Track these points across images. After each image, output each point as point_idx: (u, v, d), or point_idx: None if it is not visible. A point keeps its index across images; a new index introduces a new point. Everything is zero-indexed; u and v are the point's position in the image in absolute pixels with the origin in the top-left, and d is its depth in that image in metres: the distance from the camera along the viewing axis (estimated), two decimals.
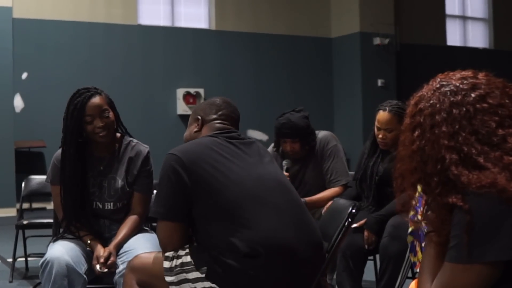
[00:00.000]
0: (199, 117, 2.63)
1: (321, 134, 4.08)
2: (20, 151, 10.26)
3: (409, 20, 13.16)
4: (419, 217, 2.72)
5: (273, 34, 12.34)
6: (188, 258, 2.32)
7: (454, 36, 14.24)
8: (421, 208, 2.67)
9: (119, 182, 3.06)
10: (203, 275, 2.27)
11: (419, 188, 2.74)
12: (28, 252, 5.34)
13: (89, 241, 2.95)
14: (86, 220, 3.02)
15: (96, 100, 2.99)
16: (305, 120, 3.96)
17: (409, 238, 3.05)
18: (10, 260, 5.35)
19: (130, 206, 3.09)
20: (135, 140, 3.16)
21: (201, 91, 11.63)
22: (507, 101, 1.58)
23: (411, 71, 12.68)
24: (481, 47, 14.52)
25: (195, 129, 2.63)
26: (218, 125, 2.59)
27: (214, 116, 2.61)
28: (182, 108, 11.48)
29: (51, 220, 3.84)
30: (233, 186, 2.31)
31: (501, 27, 14.55)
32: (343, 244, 3.35)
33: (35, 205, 9.50)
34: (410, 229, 3.00)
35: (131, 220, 3.05)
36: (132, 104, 10.74)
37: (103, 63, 10.99)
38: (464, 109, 1.57)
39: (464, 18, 14.49)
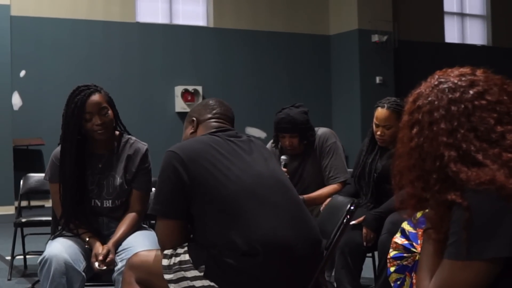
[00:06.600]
0: (194, 119, 2.62)
1: (320, 131, 4.09)
2: (19, 148, 10.25)
3: (407, 17, 13.15)
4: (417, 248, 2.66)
5: (271, 31, 12.34)
6: (186, 257, 2.31)
7: (452, 33, 14.24)
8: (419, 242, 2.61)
9: (118, 180, 3.06)
10: (201, 274, 2.27)
11: (407, 226, 2.70)
12: (27, 250, 5.33)
13: (87, 239, 2.95)
14: (84, 218, 3.02)
15: (95, 97, 2.98)
16: (304, 115, 3.97)
17: (393, 277, 2.80)
18: (8, 258, 5.34)
19: (128, 203, 3.09)
20: (133, 138, 3.16)
21: (199, 88, 11.63)
22: (505, 97, 1.58)
23: (409, 68, 12.68)
24: (479, 44, 14.52)
25: (191, 131, 2.61)
26: (214, 123, 2.57)
27: (209, 116, 2.60)
28: (180, 105, 11.48)
29: (49, 218, 3.83)
30: (231, 184, 2.30)
31: (499, 24, 14.56)
32: (342, 241, 3.34)
33: (33, 203, 9.50)
34: (392, 253, 2.81)
35: (129, 217, 3.05)
36: (131, 102, 10.74)
37: (101, 60, 10.98)
38: (463, 106, 1.57)
39: (462, 15, 14.49)
